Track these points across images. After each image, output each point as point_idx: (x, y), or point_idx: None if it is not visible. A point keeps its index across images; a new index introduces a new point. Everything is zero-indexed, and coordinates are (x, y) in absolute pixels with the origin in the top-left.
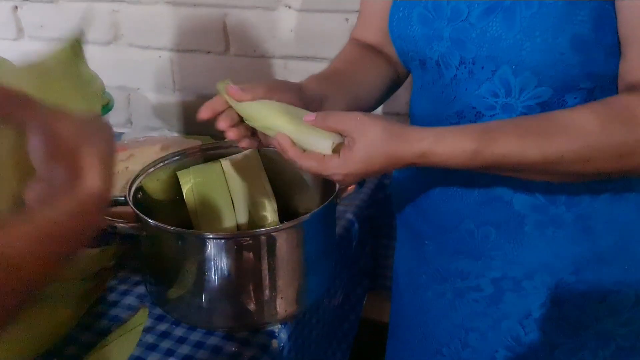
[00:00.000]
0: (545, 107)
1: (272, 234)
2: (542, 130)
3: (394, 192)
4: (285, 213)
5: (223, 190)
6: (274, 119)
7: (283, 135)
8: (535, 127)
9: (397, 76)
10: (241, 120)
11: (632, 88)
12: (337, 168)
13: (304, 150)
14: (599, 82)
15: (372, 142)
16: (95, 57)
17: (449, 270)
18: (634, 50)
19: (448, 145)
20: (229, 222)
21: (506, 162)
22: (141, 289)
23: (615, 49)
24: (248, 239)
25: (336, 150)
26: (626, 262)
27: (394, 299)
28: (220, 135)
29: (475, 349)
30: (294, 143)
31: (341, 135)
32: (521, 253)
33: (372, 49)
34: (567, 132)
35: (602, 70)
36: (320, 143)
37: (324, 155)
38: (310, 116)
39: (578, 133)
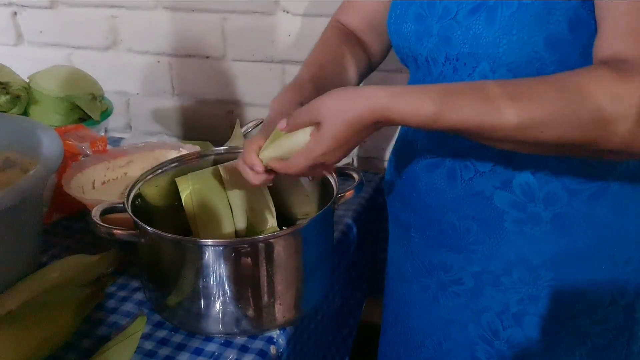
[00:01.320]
0: None
1: (271, 240)
2: (503, 95)
3: (386, 187)
4: (284, 219)
5: (221, 196)
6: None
7: (269, 161)
8: (497, 92)
9: (370, 66)
10: None
11: (601, 63)
12: (314, 151)
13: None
14: None
15: (333, 115)
16: (94, 63)
17: (432, 263)
18: (603, 27)
19: (408, 103)
20: (227, 228)
21: (467, 127)
22: (140, 296)
23: (590, 50)
24: (246, 245)
25: None
26: (603, 262)
27: (385, 294)
28: (218, 141)
29: (456, 342)
30: (282, 159)
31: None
32: (500, 248)
33: (352, 37)
34: (525, 99)
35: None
36: (299, 140)
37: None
38: (282, 124)
39: (537, 99)
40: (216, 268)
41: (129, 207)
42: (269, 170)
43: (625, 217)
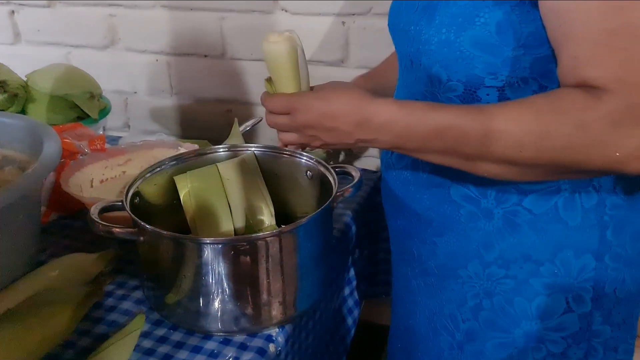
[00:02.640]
0: (463, 101)
1: (269, 238)
2: (484, 110)
3: (382, 181)
4: (282, 217)
5: (220, 194)
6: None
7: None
8: (479, 106)
9: None
10: None
11: (574, 87)
12: (297, 102)
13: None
14: (507, 82)
15: (343, 87)
16: (93, 62)
17: (405, 252)
18: (565, 55)
19: (398, 105)
20: (226, 226)
21: (448, 134)
22: (139, 294)
23: (520, 54)
24: (245, 243)
25: None
26: (555, 267)
27: (393, 300)
28: (217, 140)
29: (426, 330)
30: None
31: None
32: (457, 241)
33: None
34: (507, 115)
35: (506, 71)
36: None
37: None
38: None
39: (517, 119)
40: (215, 266)
41: (128, 205)
42: None
43: (578, 222)
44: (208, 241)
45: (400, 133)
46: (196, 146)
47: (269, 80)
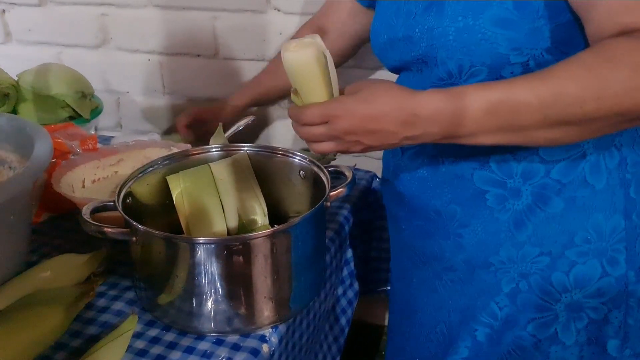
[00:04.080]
0: None
1: (262, 238)
2: (532, 78)
3: (381, 184)
4: (275, 216)
5: (213, 194)
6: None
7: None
8: (524, 76)
9: None
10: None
11: (616, 35)
12: (337, 109)
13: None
14: (531, 54)
15: (380, 86)
16: (84, 61)
17: (425, 253)
18: (599, 10)
19: (440, 92)
20: (219, 226)
21: (501, 110)
22: (131, 295)
23: (541, 24)
24: (238, 243)
25: None
26: (587, 233)
27: (390, 296)
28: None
29: (458, 329)
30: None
31: None
32: (485, 227)
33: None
34: (559, 76)
35: (530, 44)
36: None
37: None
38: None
39: (570, 77)
40: (208, 266)
41: (120, 205)
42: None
43: (603, 184)
44: (201, 241)
45: (450, 121)
46: (189, 146)
47: (295, 92)
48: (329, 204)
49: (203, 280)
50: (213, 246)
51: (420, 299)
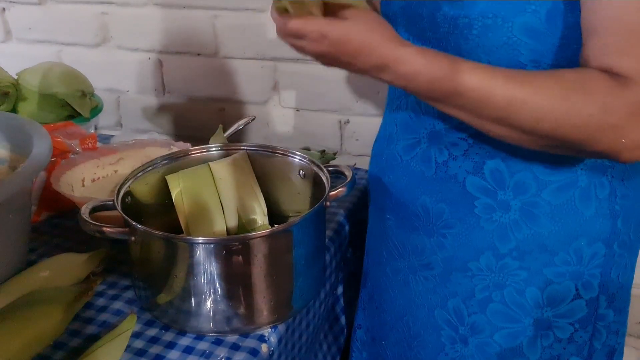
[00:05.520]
0: None
1: (262, 237)
2: (513, 75)
3: (369, 174)
4: (275, 216)
5: (212, 193)
6: None
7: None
8: (505, 72)
9: None
10: None
11: (600, 71)
12: (315, 25)
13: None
14: (546, 69)
15: (361, 20)
16: (84, 60)
17: (405, 247)
18: (593, 41)
19: (425, 57)
20: (218, 225)
21: (470, 97)
22: (130, 294)
23: (565, 42)
24: (237, 243)
25: None
26: (568, 255)
27: (362, 276)
28: (210, 139)
29: (424, 325)
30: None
31: None
32: (470, 234)
33: None
34: (535, 86)
35: (550, 60)
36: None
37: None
38: None
39: (544, 92)
40: (207, 266)
41: (119, 204)
42: None
43: (592, 212)
44: (200, 241)
45: (420, 86)
46: (189, 145)
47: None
48: (328, 203)
49: (202, 280)
50: (212, 246)
51: (391, 289)
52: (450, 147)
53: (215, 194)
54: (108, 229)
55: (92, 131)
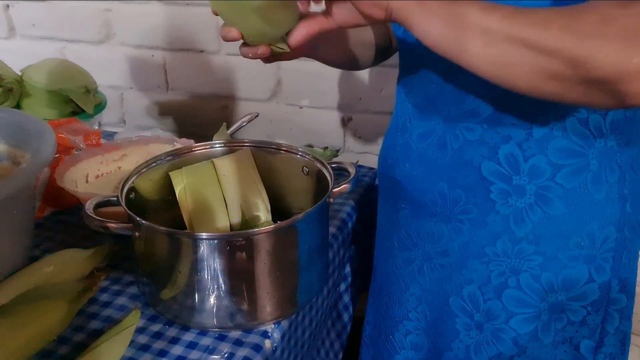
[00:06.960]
0: None
1: (265, 234)
2: (516, 12)
3: (379, 166)
4: (278, 212)
5: (215, 190)
6: None
7: None
8: (507, 8)
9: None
10: None
11: None
12: None
13: None
14: None
15: None
16: (88, 56)
17: (419, 235)
18: None
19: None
20: (221, 222)
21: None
22: (134, 290)
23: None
24: (241, 239)
25: None
26: (582, 239)
27: (372, 273)
28: (213, 136)
29: (439, 313)
30: None
31: None
32: (486, 218)
33: None
34: (536, 18)
35: None
36: None
37: None
38: None
39: (542, 25)
40: (210, 262)
41: (123, 200)
42: None
43: (603, 195)
44: (204, 237)
45: (445, 23)
46: (192, 141)
47: None
48: (332, 200)
49: (206, 276)
50: (216, 242)
51: (402, 280)
52: (464, 132)
53: (218, 190)
54: (112, 225)
55: (96, 127)
